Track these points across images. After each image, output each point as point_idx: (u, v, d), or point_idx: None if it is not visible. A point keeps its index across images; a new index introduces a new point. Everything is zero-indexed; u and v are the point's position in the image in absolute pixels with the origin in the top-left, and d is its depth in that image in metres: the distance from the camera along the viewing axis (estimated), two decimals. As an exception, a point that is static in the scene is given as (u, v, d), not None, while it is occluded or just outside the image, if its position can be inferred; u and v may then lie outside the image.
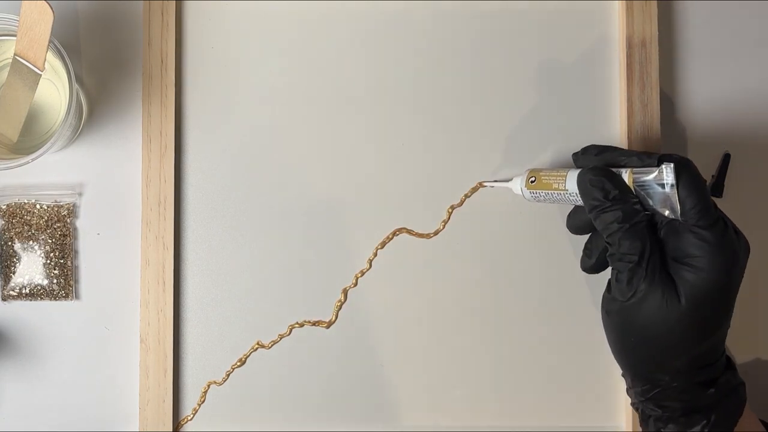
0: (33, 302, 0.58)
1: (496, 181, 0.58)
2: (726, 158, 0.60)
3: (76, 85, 0.52)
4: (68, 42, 0.58)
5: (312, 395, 0.58)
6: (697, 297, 0.47)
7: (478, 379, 0.58)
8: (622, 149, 0.51)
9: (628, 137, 0.58)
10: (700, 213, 0.46)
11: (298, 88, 0.59)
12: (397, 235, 0.59)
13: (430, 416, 0.58)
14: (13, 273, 0.57)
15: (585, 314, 0.59)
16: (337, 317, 0.58)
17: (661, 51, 0.59)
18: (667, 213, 0.47)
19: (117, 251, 0.58)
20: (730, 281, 0.47)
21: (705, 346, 0.48)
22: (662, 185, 0.47)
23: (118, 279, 0.58)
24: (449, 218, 0.59)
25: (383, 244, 0.59)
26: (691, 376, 0.48)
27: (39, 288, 0.57)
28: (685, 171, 0.47)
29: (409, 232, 0.59)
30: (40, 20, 0.50)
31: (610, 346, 0.52)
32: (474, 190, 0.59)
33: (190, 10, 0.59)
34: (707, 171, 0.60)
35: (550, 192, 0.53)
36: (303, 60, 0.59)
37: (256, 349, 0.58)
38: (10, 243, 0.57)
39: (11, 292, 0.57)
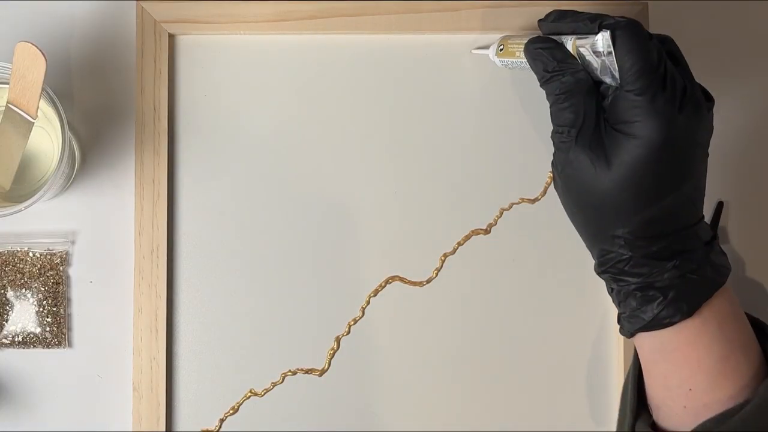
0: (26, 350, 0.58)
1: (479, 48, 0.58)
2: (719, 206, 0.60)
3: (68, 133, 0.52)
4: (61, 89, 0.58)
5: (305, 443, 0.58)
6: (627, 162, 0.46)
7: (472, 428, 0.58)
8: (579, 13, 0.50)
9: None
10: (635, 77, 0.45)
11: (290, 137, 0.59)
12: (390, 283, 0.59)
13: (423, 464, 0.58)
14: (6, 321, 0.57)
15: (580, 363, 0.59)
16: (330, 365, 0.58)
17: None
18: (608, 80, 0.47)
19: (110, 299, 0.58)
20: (669, 145, 0.45)
21: (649, 213, 0.47)
22: (599, 53, 0.47)
23: (110, 327, 0.58)
24: (442, 266, 0.59)
25: (376, 292, 0.59)
26: (640, 247, 0.47)
27: (32, 336, 0.57)
28: (623, 36, 0.46)
29: (402, 280, 0.59)
30: (32, 67, 0.50)
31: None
32: (467, 238, 0.59)
33: (183, 58, 0.59)
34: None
35: (514, 60, 0.53)
36: (296, 109, 0.59)
37: (249, 397, 0.58)
38: (2, 291, 0.57)
39: (4, 340, 0.57)
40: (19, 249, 0.58)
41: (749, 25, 0.61)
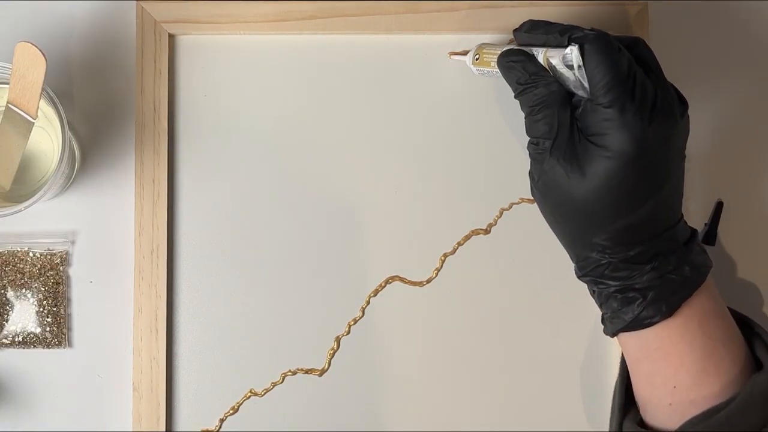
0: (26, 350, 0.58)
1: (456, 53, 0.58)
2: (719, 206, 0.60)
3: (68, 133, 0.52)
4: (61, 90, 0.58)
5: (305, 443, 0.58)
6: (601, 173, 0.46)
7: (472, 428, 0.58)
8: (551, 24, 0.50)
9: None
10: (604, 90, 0.46)
11: (290, 137, 0.59)
12: (390, 283, 0.59)
13: (423, 464, 0.58)
14: (6, 321, 0.57)
15: (580, 363, 0.59)
16: (330, 365, 0.58)
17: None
18: (581, 92, 0.47)
19: (110, 299, 0.58)
20: (641, 156, 0.46)
21: (625, 221, 0.47)
22: (570, 66, 0.47)
23: (110, 327, 0.58)
24: (442, 266, 0.59)
25: (376, 292, 0.59)
26: (619, 253, 0.48)
27: (32, 336, 0.57)
28: (591, 50, 0.46)
29: (402, 280, 0.59)
30: (32, 67, 0.50)
31: None
32: (467, 237, 0.59)
33: (183, 58, 0.59)
34: (700, 219, 0.60)
35: (489, 70, 0.53)
36: (296, 108, 0.59)
37: (249, 397, 0.58)
38: (2, 291, 0.57)
39: (4, 340, 0.57)
40: (19, 249, 0.58)
41: (749, 25, 0.61)
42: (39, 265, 0.58)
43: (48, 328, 0.57)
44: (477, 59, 0.55)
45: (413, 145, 0.59)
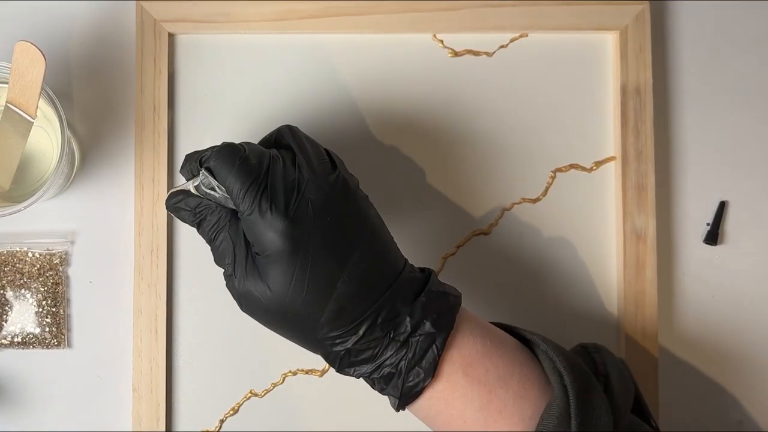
0: (25, 351, 0.58)
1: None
2: (721, 206, 0.59)
3: (68, 133, 0.52)
4: (60, 89, 0.58)
5: (305, 443, 0.58)
6: (277, 279, 0.45)
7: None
8: (194, 153, 0.49)
9: (623, 185, 0.58)
10: (241, 199, 0.46)
11: (291, 136, 0.59)
12: (391, 283, 0.59)
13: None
14: (5, 321, 0.57)
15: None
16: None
17: (655, 98, 0.58)
18: (234, 208, 0.47)
19: (109, 299, 0.58)
20: (301, 245, 0.45)
21: (331, 308, 0.45)
22: (212, 188, 0.47)
23: (110, 327, 0.58)
24: (442, 266, 0.59)
25: (376, 293, 0.58)
26: (348, 338, 0.46)
27: (31, 336, 0.57)
28: (215, 166, 0.46)
29: (403, 280, 0.59)
30: (32, 67, 0.50)
31: None
32: (467, 238, 0.59)
33: (183, 57, 0.59)
34: (702, 219, 0.60)
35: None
36: (296, 108, 0.59)
37: (249, 397, 0.58)
38: (1, 291, 0.57)
39: (3, 341, 0.57)
40: (18, 249, 0.58)
41: (749, 25, 0.61)
42: (38, 266, 0.57)
43: (47, 329, 0.57)
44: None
45: (413, 144, 0.59)
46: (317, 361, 0.58)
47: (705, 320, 0.60)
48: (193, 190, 0.49)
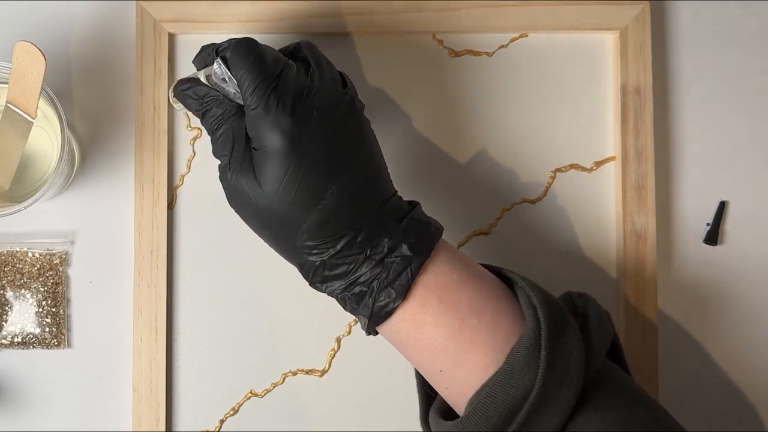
0: (25, 351, 0.58)
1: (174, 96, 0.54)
2: (721, 206, 0.59)
3: (68, 133, 0.52)
4: (60, 89, 0.58)
5: (305, 443, 0.58)
6: (270, 177, 0.46)
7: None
8: (210, 45, 0.50)
9: (623, 185, 0.58)
10: (250, 93, 0.46)
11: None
12: (391, 283, 0.59)
13: (423, 464, 0.58)
14: (5, 321, 0.57)
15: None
16: (330, 365, 0.58)
17: (655, 98, 0.58)
18: (241, 103, 0.47)
19: (109, 300, 0.58)
20: (299, 149, 0.46)
21: (315, 218, 0.46)
22: (224, 80, 0.47)
23: (110, 327, 0.58)
24: (443, 266, 0.59)
25: (376, 293, 0.58)
26: (327, 250, 0.46)
27: (31, 336, 0.57)
28: (232, 57, 0.46)
29: (403, 280, 0.59)
30: (32, 67, 0.50)
31: None
32: (467, 238, 0.59)
33: (183, 57, 0.59)
34: (702, 219, 0.60)
35: (182, 106, 0.52)
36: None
37: (249, 397, 0.58)
38: (2, 291, 0.57)
39: (3, 341, 0.57)
40: (18, 249, 0.58)
41: (749, 25, 0.61)
42: (38, 266, 0.57)
43: (47, 329, 0.57)
44: (173, 97, 0.53)
45: (412, 144, 0.59)
46: (317, 361, 0.58)
47: (705, 320, 0.60)
48: (203, 80, 0.49)
